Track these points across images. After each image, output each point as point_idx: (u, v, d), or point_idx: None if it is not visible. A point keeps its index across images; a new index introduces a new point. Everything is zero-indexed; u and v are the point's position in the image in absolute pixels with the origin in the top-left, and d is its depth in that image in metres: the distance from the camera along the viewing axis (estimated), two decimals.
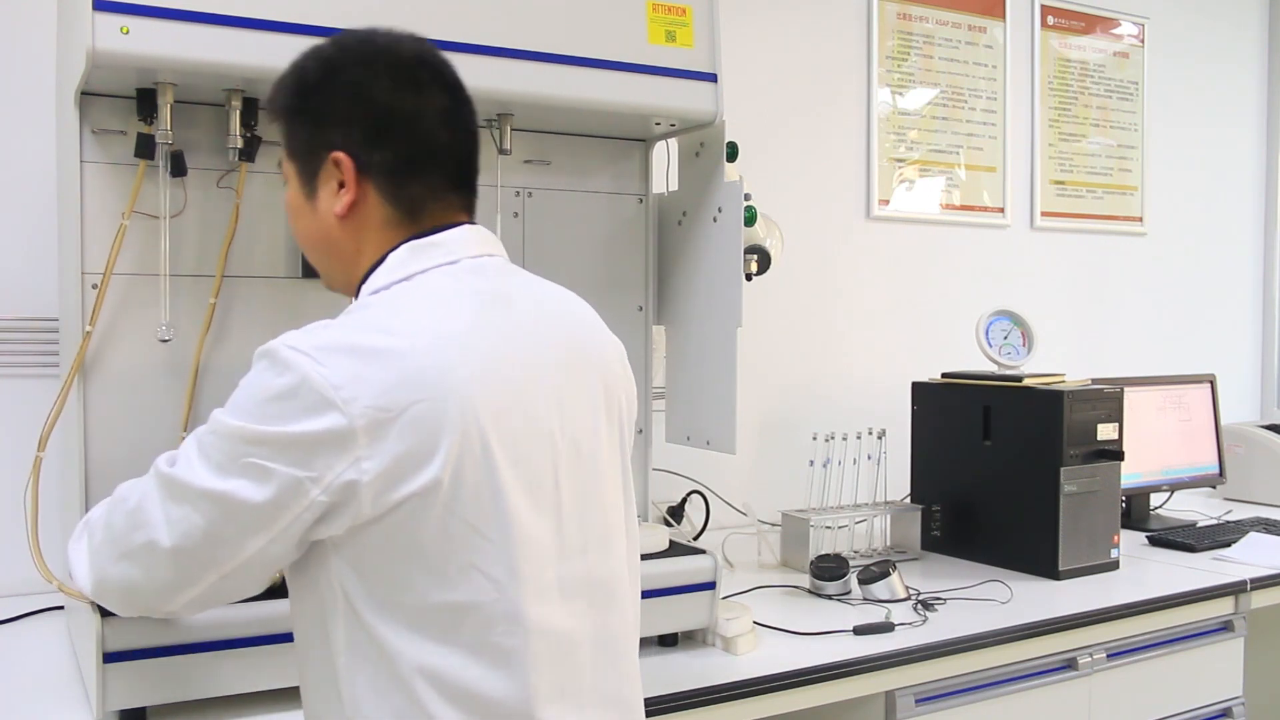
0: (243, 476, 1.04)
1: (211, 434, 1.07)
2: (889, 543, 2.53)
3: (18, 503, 1.59)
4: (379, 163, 1.15)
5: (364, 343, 1.04)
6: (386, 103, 1.15)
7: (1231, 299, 3.99)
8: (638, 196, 2.04)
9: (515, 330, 1.13)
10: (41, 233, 1.96)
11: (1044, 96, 3.41)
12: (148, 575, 1.12)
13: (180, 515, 1.07)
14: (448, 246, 1.16)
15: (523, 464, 1.09)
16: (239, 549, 1.07)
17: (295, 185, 1.21)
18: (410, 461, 1.02)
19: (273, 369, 1.05)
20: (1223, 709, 2.34)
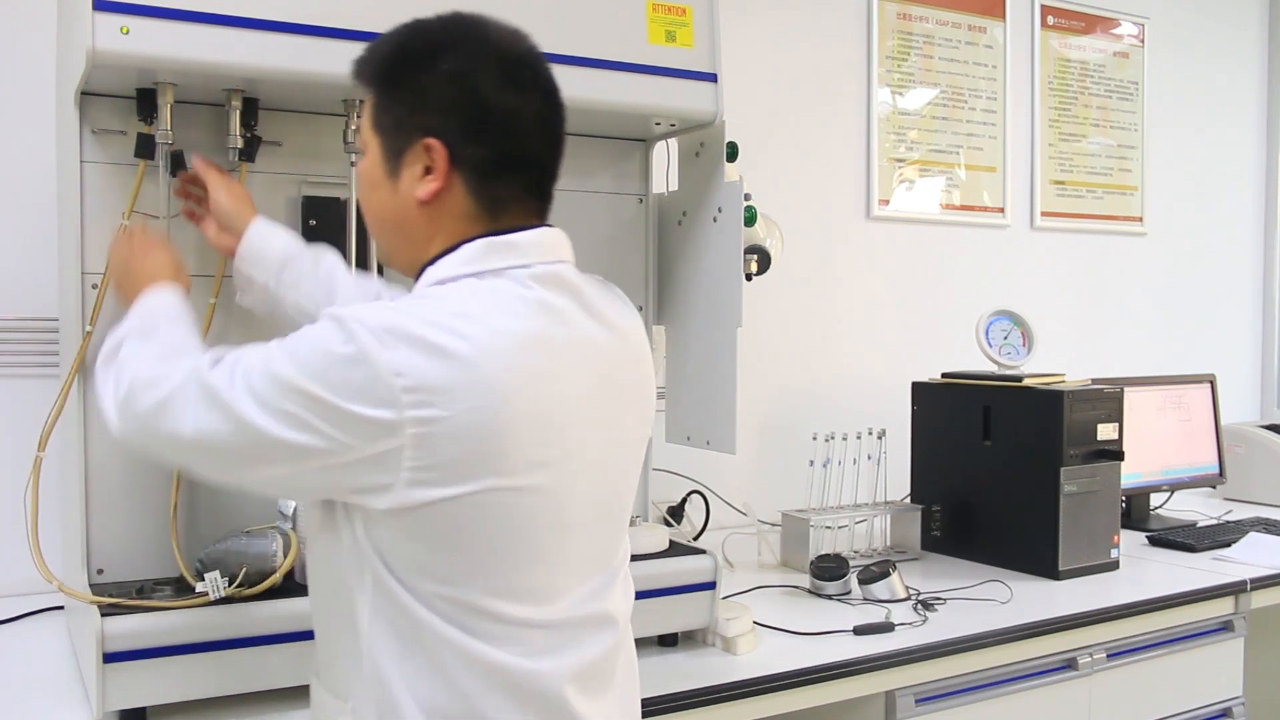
0: (281, 419, 1.06)
1: (262, 367, 1.08)
2: (889, 543, 2.53)
3: (18, 503, 1.59)
4: (471, 157, 1.14)
5: (429, 337, 1.04)
6: (490, 98, 1.14)
7: (1231, 299, 3.99)
8: (638, 196, 2.04)
9: (570, 346, 1.13)
10: (41, 233, 1.96)
11: (1044, 96, 3.41)
12: (166, 449, 1.18)
13: (209, 422, 1.09)
14: (522, 249, 1.15)
15: (560, 476, 1.12)
16: (256, 470, 1.12)
17: (376, 158, 1.19)
18: (454, 466, 1.04)
19: (339, 334, 1.05)
20: (1223, 709, 2.34)
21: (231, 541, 1.54)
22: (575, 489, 1.13)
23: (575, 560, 1.16)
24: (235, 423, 1.08)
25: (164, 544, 1.64)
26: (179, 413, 1.12)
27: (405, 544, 1.08)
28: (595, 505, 1.17)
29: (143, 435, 1.17)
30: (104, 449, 1.62)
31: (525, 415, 1.07)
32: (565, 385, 1.12)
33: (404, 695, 1.09)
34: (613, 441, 1.19)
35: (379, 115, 1.18)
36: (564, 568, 1.15)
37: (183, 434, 1.11)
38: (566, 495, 1.13)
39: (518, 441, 1.06)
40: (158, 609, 1.46)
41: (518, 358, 1.07)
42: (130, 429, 1.17)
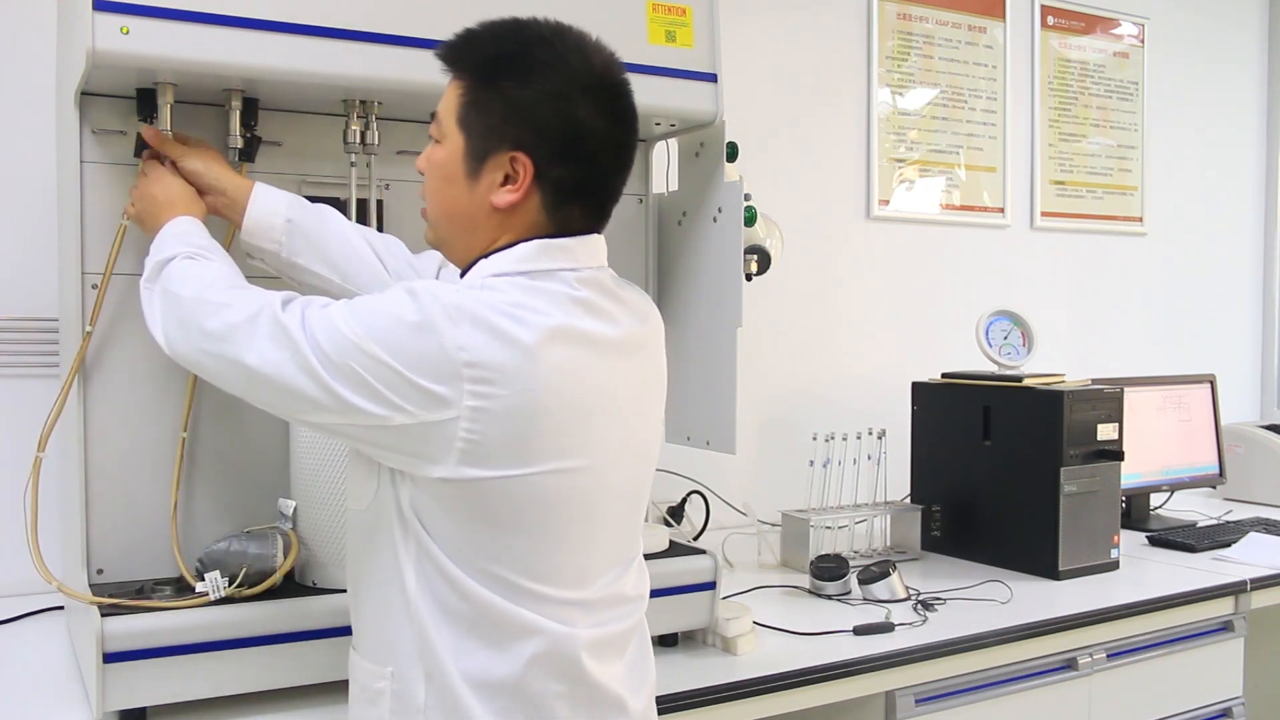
0: (343, 375, 1.11)
1: (330, 321, 1.13)
2: (889, 543, 2.53)
3: (18, 503, 1.59)
4: (554, 178, 1.18)
5: (494, 321, 1.10)
6: (584, 125, 1.17)
7: (1231, 299, 3.99)
8: (638, 196, 2.04)
9: (610, 346, 1.20)
10: (41, 233, 1.96)
11: (1044, 96, 3.41)
12: (222, 371, 1.21)
13: (276, 358, 1.14)
14: (573, 253, 1.21)
15: (594, 466, 1.18)
16: (309, 415, 1.16)
17: (457, 154, 1.20)
18: (501, 447, 1.11)
19: (411, 304, 1.11)
20: (1223, 709, 2.34)
21: (231, 541, 1.54)
22: (606, 480, 1.20)
23: (601, 547, 1.22)
24: (300, 366, 1.12)
25: (164, 544, 1.64)
26: (247, 341, 1.16)
27: (446, 516, 1.14)
28: (622, 496, 1.24)
29: (200, 354, 1.22)
30: (104, 449, 1.62)
31: (569, 406, 1.14)
32: (605, 380, 1.18)
33: (447, 657, 1.15)
34: (639, 436, 1.26)
35: (469, 113, 1.19)
36: (591, 554, 1.21)
37: (246, 361, 1.15)
38: (598, 485, 1.19)
39: (561, 429, 1.13)
40: (158, 609, 1.46)
41: (568, 352, 1.14)
42: (189, 347, 1.23)
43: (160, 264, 1.31)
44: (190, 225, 1.39)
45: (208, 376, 1.26)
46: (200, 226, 1.40)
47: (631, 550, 1.30)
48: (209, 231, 1.42)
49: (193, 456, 1.69)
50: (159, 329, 1.28)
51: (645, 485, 1.31)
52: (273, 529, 1.57)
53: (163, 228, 1.39)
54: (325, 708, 1.50)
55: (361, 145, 1.69)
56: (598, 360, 1.18)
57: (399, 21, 1.58)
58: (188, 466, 1.68)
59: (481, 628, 1.15)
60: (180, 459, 1.66)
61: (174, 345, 1.26)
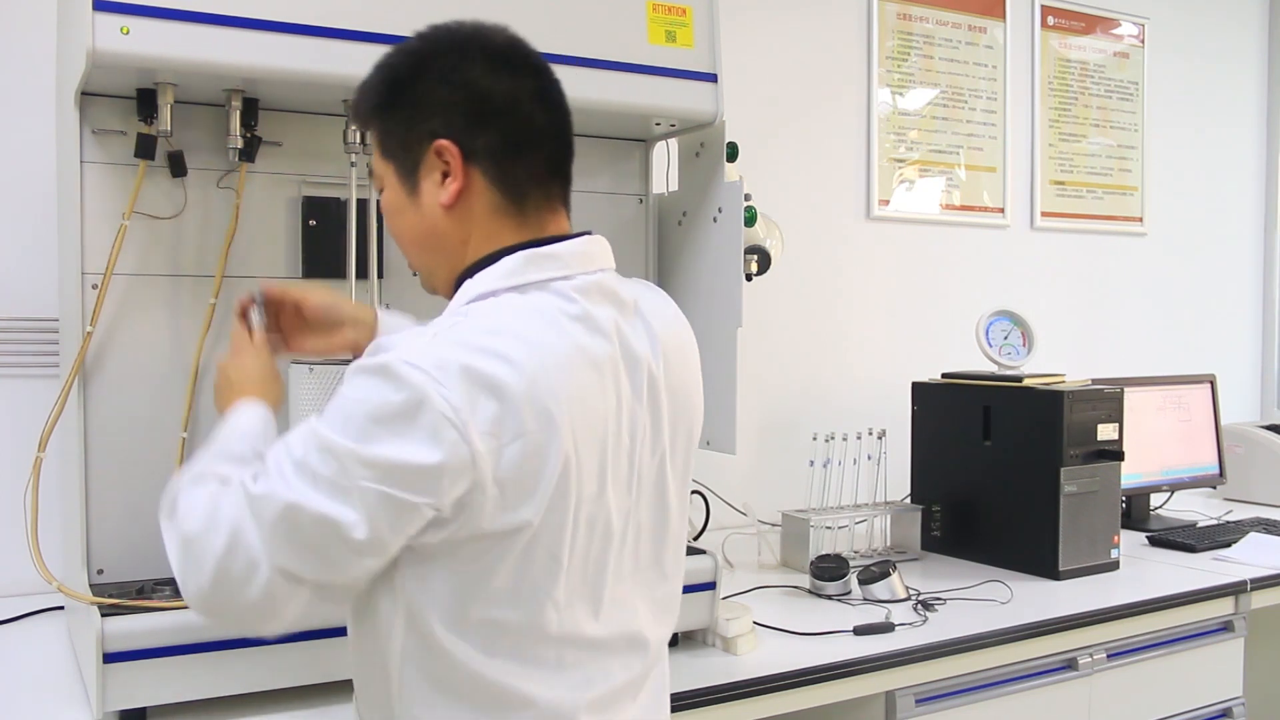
0: (355, 501, 1.00)
1: (319, 450, 1.01)
2: (889, 543, 2.53)
3: (18, 503, 1.59)
4: (483, 147, 1.13)
5: (479, 366, 1.01)
6: (485, 86, 1.13)
7: (1231, 299, 3.99)
8: (638, 197, 2.04)
9: (612, 360, 1.11)
10: (41, 233, 1.96)
11: (1044, 96, 3.41)
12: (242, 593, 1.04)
13: (282, 537, 1.02)
14: (563, 260, 1.14)
15: (603, 498, 1.10)
16: (345, 569, 1.04)
17: (394, 185, 1.18)
18: (510, 496, 1.03)
19: (389, 384, 1.00)
20: (1223, 709, 2.34)
21: None
22: (615, 504, 1.12)
23: (614, 577, 1.14)
24: (307, 523, 1.01)
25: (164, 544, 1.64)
26: (246, 540, 1.03)
27: (447, 577, 1.06)
28: (635, 520, 1.16)
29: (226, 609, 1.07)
30: (104, 449, 1.62)
31: (577, 437, 1.06)
32: (610, 400, 1.10)
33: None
34: (655, 454, 1.17)
35: (384, 142, 1.18)
36: (604, 584, 1.13)
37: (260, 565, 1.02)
38: (608, 511, 1.11)
39: (570, 464, 1.05)
40: (158, 609, 1.46)
41: (563, 377, 1.05)
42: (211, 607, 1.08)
43: (173, 498, 1.15)
44: (241, 421, 1.23)
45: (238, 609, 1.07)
46: (256, 417, 1.24)
47: (656, 588, 1.20)
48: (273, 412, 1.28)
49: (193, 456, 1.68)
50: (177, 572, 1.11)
51: (668, 508, 1.20)
52: None
53: (222, 416, 1.26)
54: (325, 708, 1.50)
55: (361, 145, 1.69)
56: (597, 378, 1.09)
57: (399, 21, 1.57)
58: None
59: (471, 698, 1.08)
60: (180, 459, 1.66)
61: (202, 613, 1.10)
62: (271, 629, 1.07)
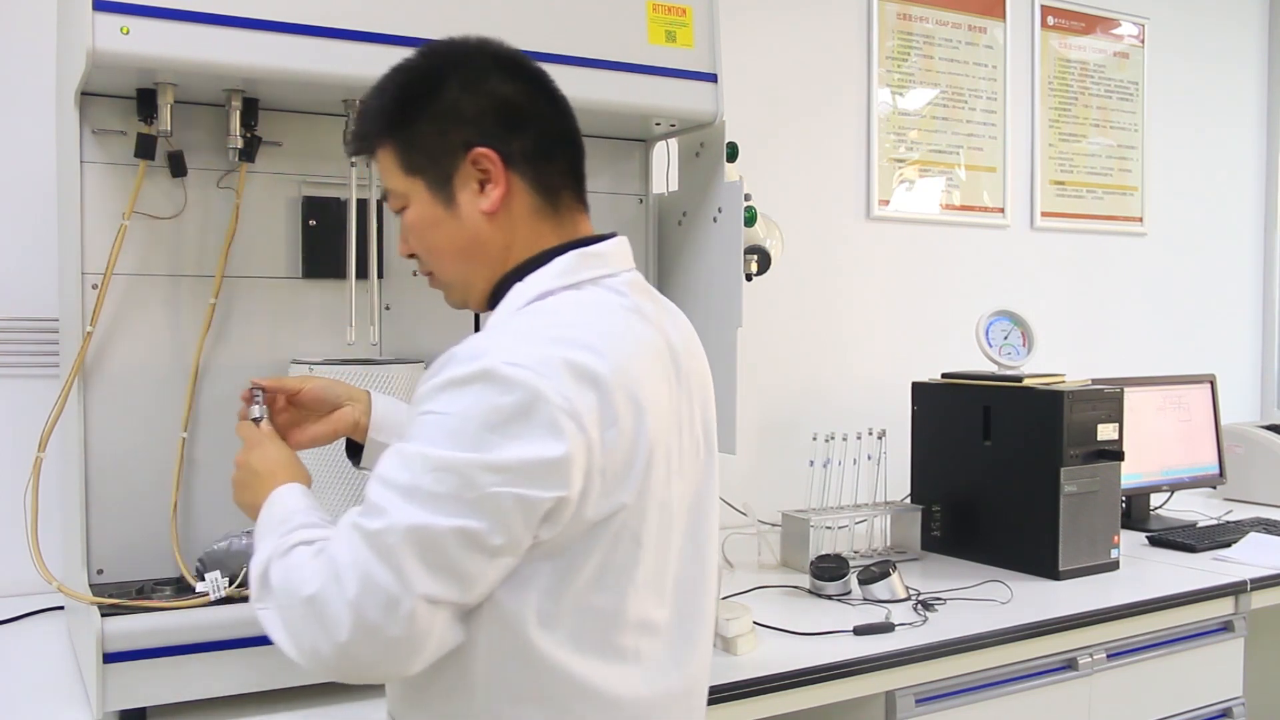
0: (486, 509, 0.99)
1: (431, 471, 1.00)
2: (889, 543, 2.53)
3: (18, 503, 1.59)
4: (519, 152, 1.14)
5: (575, 359, 1.03)
6: (507, 93, 1.15)
7: (1231, 299, 3.99)
8: (638, 197, 2.04)
9: (666, 351, 1.15)
10: (41, 233, 1.96)
11: (1044, 96, 3.41)
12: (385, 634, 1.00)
13: (416, 562, 0.99)
14: (608, 259, 1.17)
15: (669, 482, 1.12)
16: (484, 578, 1.03)
17: (425, 199, 1.16)
18: (610, 482, 1.05)
19: (494, 388, 1.00)
20: (1223, 709, 2.34)
21: (231, 541, 1.54)
22: (675, 488, 1.14)
23: (675, 561, 1.15)
24: (443, 538, 0.99)
25: (164, 544, 1.64)
26: (378, 596, 0.99)
27: (545, 569, 1.05)
28: (684, 503, 1.17)
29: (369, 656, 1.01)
30: (104, 449, 1.62)
31: (655, 424, 1.08)
32: (667, 388, 1.13)
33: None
34: (694, 439, 1.19)
35: (409, 157, 1.16)
36: (668, 568, 1.14)
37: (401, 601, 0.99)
38: (671, 495, 1.13)
39: (653, 449, 1.08)
40: (158, 609, 1.46)
41: (641, 366, 1.09)
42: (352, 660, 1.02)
43: (262, 573, 1.10)
44: (289, 500, 1.20)
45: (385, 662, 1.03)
46: (300, 494, 1.22)
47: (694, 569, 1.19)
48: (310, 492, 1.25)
49: (193, 456, 1.69)
50: (291, 648, 1.06)
51: (711, 497, 1.22)
52: None
53: (262, 506, 1.21)
54: (325, 708, 1.50)
55: None
56: (659, 367, 1.12)
57: (399, 21, 1.58)
58: (188, 466, 1.68)
59: (555, 700, 1.07)
60: (180, 459, 1.66)
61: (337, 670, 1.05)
62: (417, 665, 1.04)
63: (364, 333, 1.73)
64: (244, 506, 1.27)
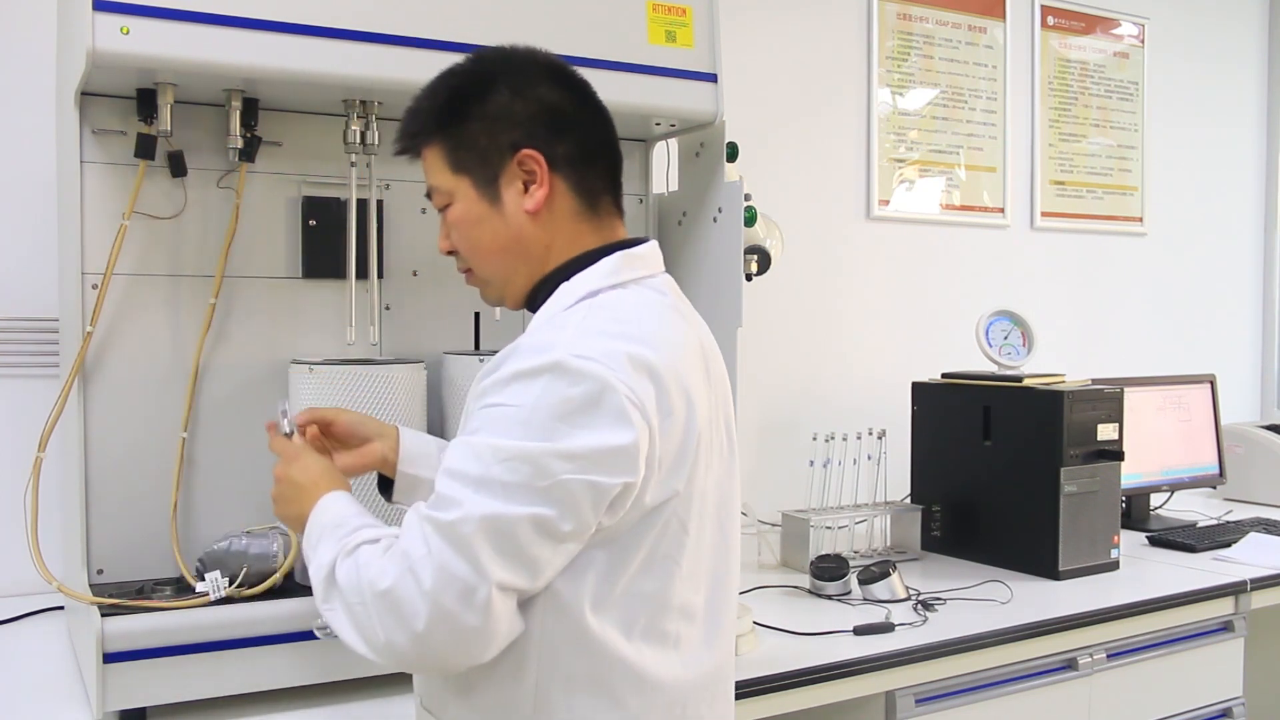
0: (557, 496, 1.03)
1: (502, 462, 1.03)
2: (889, 543, 2.53)
3: (18, 503, 1.59)
4: (563, 155, 1.19)
5: (636, 353, 1.08)
6: (554, 99, 1.20)
7: (1231, 299, 3.99)
8: (638, 197, 2.04)
9: (700, 350, 1.20)
10: (41, 233, 1.96)
11: (1044, 96, 3.41)
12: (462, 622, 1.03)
13: (492, 550, 1.02)
14: (648, 261, 1.23)
15: (710, 471, 1.17)
16: (554, 563, 1.06)
17: (471, 197, 1.20)
18: (666, 470, 1.10)
19: (563, 380, 1.04)
20: (1223, 709, 2.34)
21: (231, 541, 1.54)
22: (713, 478, 1.18)
23: (709, 549, 1.19)
24: (516, 525, 1.02)
25: (164, 544, 1.64)
26: (455, 570, 1.01)
27: (600, 555, 1.09)
28: (718, 492, 1.21)
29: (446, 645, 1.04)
30: (104, 449, 1.62)
31: (702, 415, 1.14)
32: (706, 382, 1.18)
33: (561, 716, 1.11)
34: (724, 431, 1.24)
35: (458, 155, 1.20)
36: (703, 554, 1.18)
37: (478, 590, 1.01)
38: (708, 484, 1.18)
39: (702, 439, 1.14)
40: (158, 609, 1.46)
41: (688, 360, 1.15)
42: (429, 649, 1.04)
43: (328, 572, 1.10)
44: (339, 507, 1.20)
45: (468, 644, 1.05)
46: (347, 500, 1.22)
47: (722, 559, 1.23)
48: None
49: (193, 456, 1.69)
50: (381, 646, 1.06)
51: (736, 486, 1.25)
52: (273, 529, 1.57)
53: (310, 515, 1.20)
54: (325, 708, 1.50)
55: (361, 145, 1.70)
56: (702, 365, 1.18)
57: (399, 21, 1.58)
58: (188, 466, 1.68)
59: (608, 685, 1.10)
60: (180, 459, 1.66)
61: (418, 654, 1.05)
62: (490, 653, 1.06)
63: (364, 333, 1.73)
64: (288, 519, 1.27)
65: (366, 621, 1.06)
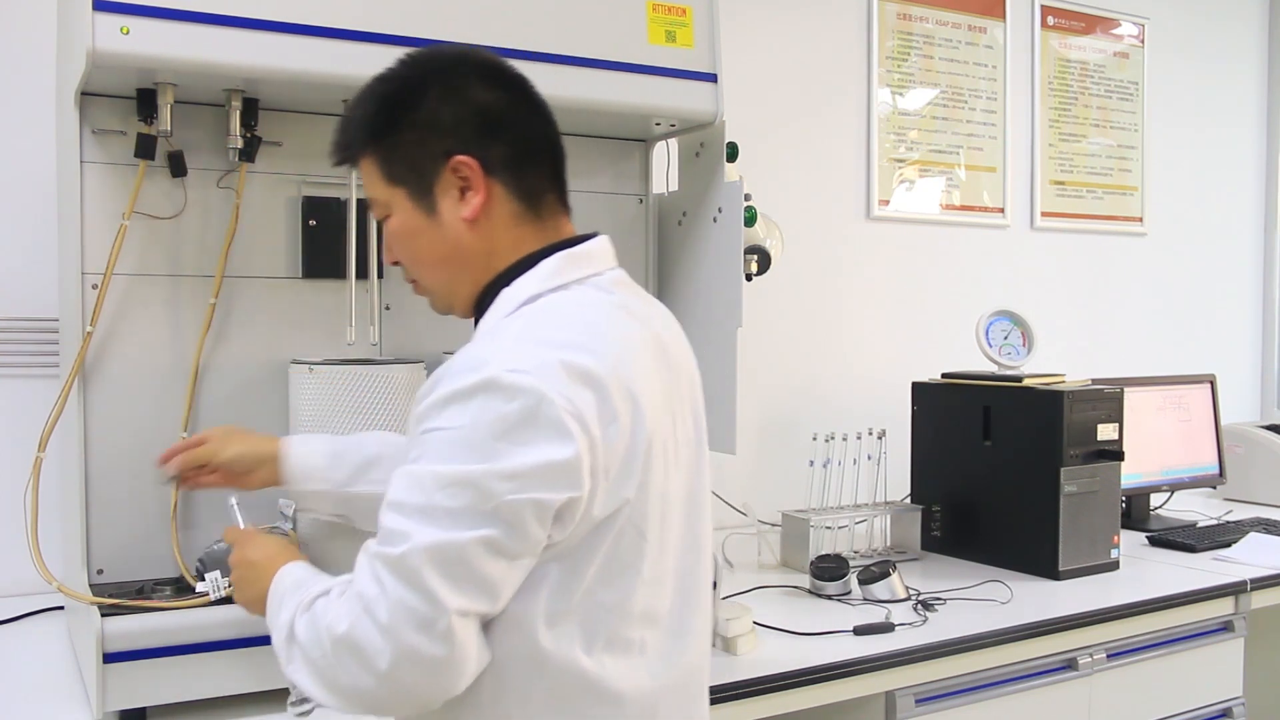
0: (503, 517, 1.00)
1: (443, 488, 1.00)
2: (889, 543, 2.53)
3: (18, 503, 1.59)
4: (498, 159, 1.15)
5: (573, 361, 1.04)
6: (487, 100, 1.16)
7: (1231, 299, 3.99)
8: (638, 197, 2.04)
9: (656, 345, 1.16)
10: (41, 233, 1.96)
11: (1044, 96, 3.41)
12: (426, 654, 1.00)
13: (444, 578, 0.99)
14: (594, 258, 1.18)
15: (668, 473, 1.13)
16: (510, 583, 1.04)
17: (407, 208, 1.17)
18: (615, 478, 1.06)
19: (498, 397, 1.01)
20: (1223, 709, 2.34)
21: None
22: (673, 478, 1.15)
23: (674, 551, 1.16)
24: (467, 550, 0.99)
25: (164, 544, 1.64)
26: (411, 619, 0.99)
27: (554, 570, 1.06)
28: (681, 492, 1.17)
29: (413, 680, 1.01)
30: (104, 449, 1.62)
31: (653, 417, 1.09)
32: (659, 381, 1.14)
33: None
34: (687, 428, 1.20)
35: (391, 167, 1.17)
36: (667, 558, 1.15)
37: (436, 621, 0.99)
38: (669, 485, 1.14)
39: (652, 442, 1.09)
40: (158, 609, 1.46)
41: (634, 361, 1.10)
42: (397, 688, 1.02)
43: (287, 632, 1.09)
44: (297, 574, 1.19)
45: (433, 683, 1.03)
46: (304, 567, 1.21)
47: (689, 558, 1.20)
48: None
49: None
50: (330, 694, 1.06)
51: (705, 484, 1.23)
52: (273, 529, 1.57)
53: (270, 588, 1.19)
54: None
55: None
56: (652, 362, 1.14)
57: (399, 21, 1.58)
58: None
59: (568, 700, 1.08)
60: None
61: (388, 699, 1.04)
62: (462, 683, 1.04)
63: (364, 333, 1.73)
64: (251, 602, 1.25)
65: (329, 671, 1.04)
